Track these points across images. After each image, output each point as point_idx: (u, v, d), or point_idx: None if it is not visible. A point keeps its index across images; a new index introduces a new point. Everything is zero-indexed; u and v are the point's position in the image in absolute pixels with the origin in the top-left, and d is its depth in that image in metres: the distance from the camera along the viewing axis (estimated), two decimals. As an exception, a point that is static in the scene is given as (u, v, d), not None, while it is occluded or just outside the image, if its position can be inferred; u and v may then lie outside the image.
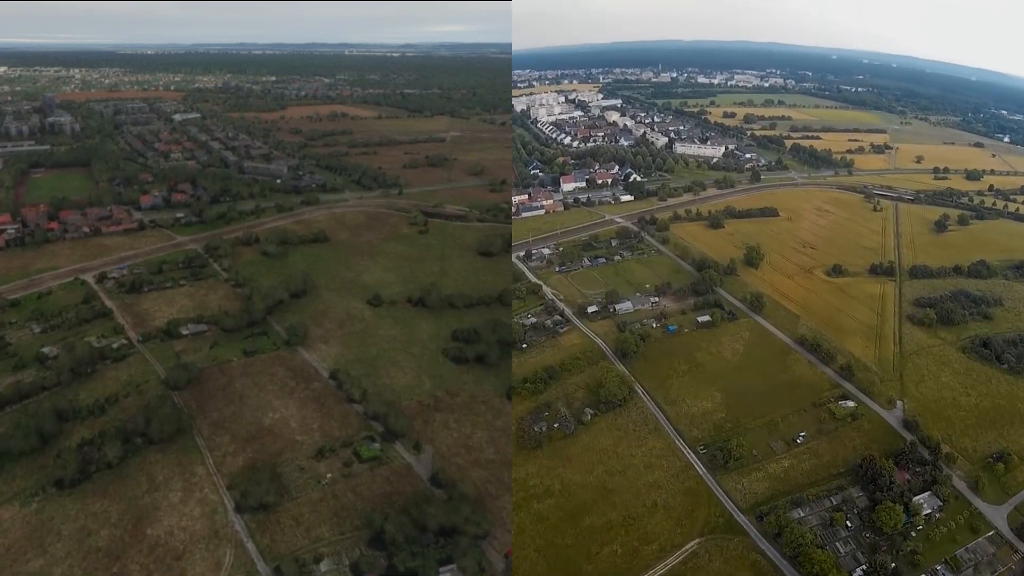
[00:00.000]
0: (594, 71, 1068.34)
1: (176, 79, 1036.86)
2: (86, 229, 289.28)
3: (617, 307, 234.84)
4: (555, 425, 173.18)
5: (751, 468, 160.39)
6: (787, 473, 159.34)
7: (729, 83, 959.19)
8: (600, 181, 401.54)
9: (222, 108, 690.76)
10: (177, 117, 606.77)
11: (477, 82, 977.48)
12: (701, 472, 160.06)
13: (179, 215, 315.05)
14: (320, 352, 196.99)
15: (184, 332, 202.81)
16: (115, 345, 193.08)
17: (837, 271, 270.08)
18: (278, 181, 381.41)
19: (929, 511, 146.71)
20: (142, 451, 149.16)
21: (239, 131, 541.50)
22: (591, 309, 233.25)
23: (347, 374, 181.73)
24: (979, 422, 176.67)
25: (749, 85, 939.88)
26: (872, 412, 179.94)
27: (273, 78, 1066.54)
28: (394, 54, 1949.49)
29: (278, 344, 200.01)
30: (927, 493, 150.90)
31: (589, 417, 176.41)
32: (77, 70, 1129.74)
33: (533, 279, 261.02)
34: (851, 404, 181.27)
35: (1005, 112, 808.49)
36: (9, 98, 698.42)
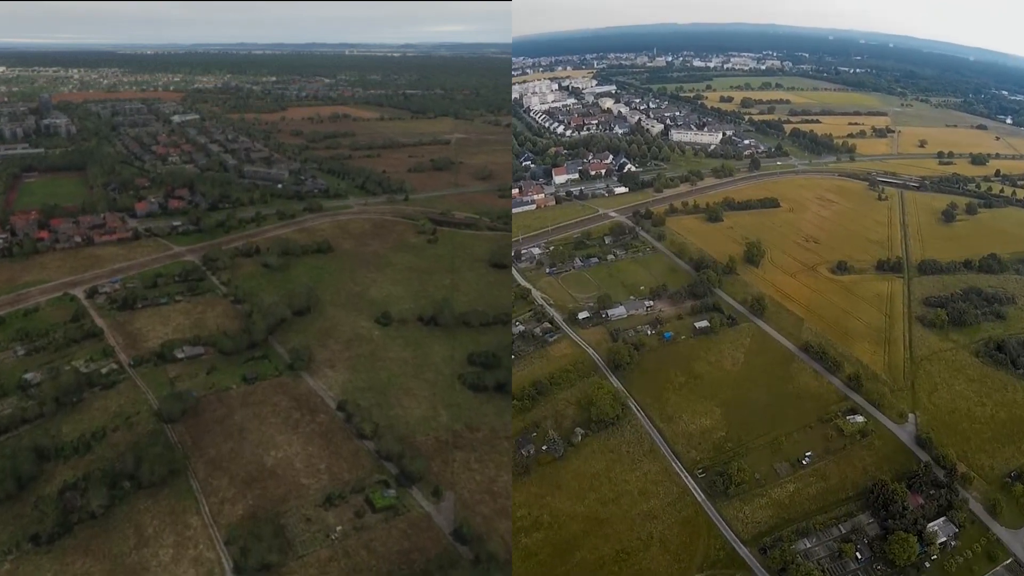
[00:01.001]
0: (588, 57, 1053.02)
1: (175, 79, 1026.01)
2: (78, 238, 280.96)
3: (610, 313, 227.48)
4: (544, 448, 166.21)
5: (754, 494, 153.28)
6: (792, 499, 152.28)
7: (725, 66, 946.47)
8: (593, 172, 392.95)
9: (222, 109, 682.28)
10: (176, 118, 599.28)
11: (480, 82, 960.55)
12: (700, 499, 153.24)
13: (176, 223, 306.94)
14: (326, 378, 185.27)
15: (179, 355, 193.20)
16: (104, 370, 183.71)
17: (842, 268, 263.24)
18: (279, 186, 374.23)
19: (944, 539, 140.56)
20: (130, 497, 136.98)
21: (239, 133, 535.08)
22: (582, 315, 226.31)
23: (356, 405, 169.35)
24: (995, 436, 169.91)
25: (746, 68, 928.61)
26: (883, 427, 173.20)
27: (273, 78, 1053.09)
28: (395, 54, 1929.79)
29: (280, 369, 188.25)
30: (942, 519, 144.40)
31: (580, 438, 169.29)
32: (76, 70, 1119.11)
33: (522, 282, 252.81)
34: (860, 419, 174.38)
35: (1006, 92, 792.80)
36: (6, 99, 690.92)
